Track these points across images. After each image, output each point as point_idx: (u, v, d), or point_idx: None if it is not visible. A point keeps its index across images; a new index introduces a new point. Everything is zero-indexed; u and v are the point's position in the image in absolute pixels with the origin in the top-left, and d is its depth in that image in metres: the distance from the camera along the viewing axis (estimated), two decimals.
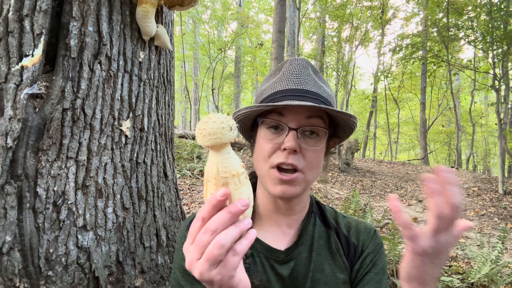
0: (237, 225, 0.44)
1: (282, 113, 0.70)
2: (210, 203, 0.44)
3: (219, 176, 0.45)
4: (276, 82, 0.75)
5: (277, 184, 0.69)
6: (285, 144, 0.67)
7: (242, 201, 0.44)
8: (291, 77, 0.74)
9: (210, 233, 0.43)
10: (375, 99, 14.51)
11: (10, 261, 0.87)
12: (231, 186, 0.45)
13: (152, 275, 1.14)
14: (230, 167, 0.45)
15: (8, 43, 0.92)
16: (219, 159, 0.45)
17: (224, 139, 0.43)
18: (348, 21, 11.93)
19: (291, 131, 0.68)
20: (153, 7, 1.10)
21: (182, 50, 13.72)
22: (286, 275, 0.73)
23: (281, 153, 0.69)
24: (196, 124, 0.44)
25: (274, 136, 0.71)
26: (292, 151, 0.67)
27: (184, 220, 0.81)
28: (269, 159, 0.70)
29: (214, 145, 0.44)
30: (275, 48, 7.20)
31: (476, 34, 7.68)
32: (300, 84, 0.73)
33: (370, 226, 0.82)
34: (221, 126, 0.43)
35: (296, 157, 0.68)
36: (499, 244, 2.31)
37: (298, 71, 0.75)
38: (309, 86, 0.73)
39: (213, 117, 0.44)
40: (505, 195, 6.58)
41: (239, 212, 0.43)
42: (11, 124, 0.90)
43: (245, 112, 0.72)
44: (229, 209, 0.43)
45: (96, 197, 1.02)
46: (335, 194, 5.50)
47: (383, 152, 21.44)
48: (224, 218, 0.43)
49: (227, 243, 0.43)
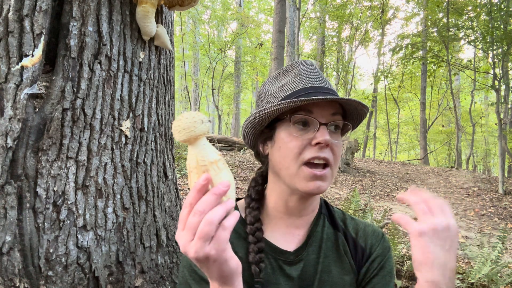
0: (222, 205, 0.48)
1: (311, 110, 0.71)
2: (195, 188, 0.48)
3: (198, 165, 0.49)
4: (294, 81, 0.75)
5: (310, 180, 0.69)
6: (318, 138, 0.68)
7: (223, 183, 0.48)
8: (310, 75, 0.76)
9: (198, 214, 0.47)
10: (375, 99, 14.51)
11: (10, 261, 0.87)
12: (211, 172, 0.49)
13: (152, 275, 1.14)
14: (207, 156, 0.49)
15: (8, 43, 0.92)
16: (196, 150, 0.49)
17: (197, 131, 0.47)
18: (348, 21, 11.93)
19: (322, 125, 0.69)
20: (153, 7, 1.10)
21: (182, 50, 13.72)
22: (295, 276, 0.73)
23: (312, 148, 0.69)
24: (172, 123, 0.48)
25: (302, 132, 0.71)
26: (325, 145, 0.69)
27: None
28: (300, 155, 0.70)
29: (190, 138, 0.48)
30: (275, 48, 7.20)
31: (476, 34, 7.68)
32: (321, 83, 0.75)
33: (378, 229, 0.82)
34: (193, 120, 0.47)
35: (327, 151, 0.70)
36: (499, 244, 2.31)
37: (315, 70, 0.77)
38: (327, 84, 0.76)
39: (185, 114, 0.48)
40: (505, 195, 6.58)
41: (222, 192, 0.48)
42: (11, 124, 0.90)
43: (276, 108, 0.71)
44: (213, 191, 0.48)
45: (96, 197, 1.02)
46: (335, 194, 5.50)
47: (383, 152, 21.44)
48: (210, 199, 0.47)
49: (215, 219, 0.47)
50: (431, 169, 9.61)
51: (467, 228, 4.73)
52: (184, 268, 0.74)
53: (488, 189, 7.05)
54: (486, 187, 7.21)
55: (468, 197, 6.48)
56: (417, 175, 8.75)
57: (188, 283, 0.71)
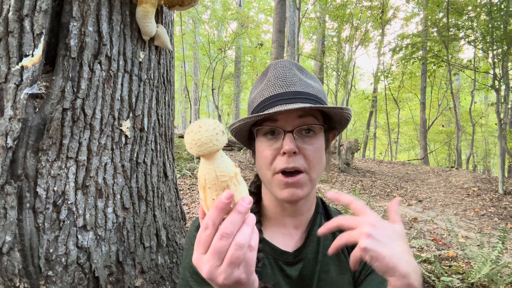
0: (247, 223, 0.46)
1: (275, 118, 0.71)
2: (217, 207, 0.44)
3: (218, 181, 0.45)
4: (264, 88, 0.75)
5: (284, 188, 0.70)
6: (283, 148, 0.68)
7: (245, 199, 0.46)
8: (277, 81, 0.74)
9: (227, 237, 0.44)
10: (375, 99, 14.50)
11: (10, 261, 0.87)
12: (232, 188, 0.46)
13: (152, 275, 1.14)
14: (228, 170, 0.45)
15: (8, 43, 0.92)
16: (215, 164, 0.45)
17: (219, 145, 0.43)
18: (348, 21, 11.92)
19: (287, 133, 0.69)
20: (153, 7, 1.10)
21: (182, 50, 13.72)
22: (295, 276, 0.74)
23: (282, 158, 0.69)
24: (185, 134, 0.43)
25: (271, 142, 0.71)
26: (292, 153, 0.68)
27: (193, 221, 0.81)
28: (271, 165, 0.70)
29: (210, 153, 0.43)
30: (275, 48, 7.20)
31: (476, 34, 7.68)
32: (287, 87, 0.73)
33: None
34: (214, 133, 0.42)
35: (297, 158, 0.68)
36: (499, 244, 2.31)
37: (283, 74, 0.75)
38: (297, 86, 0.73)
39: (203, 124, 0.42)
40: (505, 195, 6.58)
41: (247, 210, 0.45)
42: (11, 124, 0.90)
43: (239, 124, 0.72)
44: (238, 209, 0.45)
45: (96, 197, 1.02)
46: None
47: (383, 152, 21.43)
48: (237, 219, 0.45)
49: (246, 242, 0.44)
50: (431, 169, 9.60)
51: (467, 228, 4.72)
52: (185, 270, 0.74)
53: (488, 189, 7.04)
54: (486, 187, 7.21)
55: (468, 197, 6.48)
56: (417, 175, 8.75)
57: (189, 284, 0.71)
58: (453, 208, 5.74)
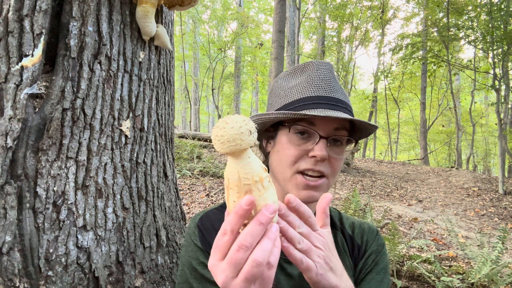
0: (269, 237, 0.42)
1: (313, 122, 0.70)
2: (237, 213, 0.42)
3: (241, 183, 0.42)
4: (305, 86, 0.74)
5: (303, 189, 0.69)
6: (315, 152, 0.67)
7: (269, 207, 0.42)
8: (321, 83, 0.73)
9: (245, 250, 0.41)
10: (375, 99, 14.50)
11: (10, 261, 0.87)
12: (255, 193, 0.42)
13: (152, 275, 1.14)
14: (252, 173, 0.42)
15: (8, 43, 0.92)
16: (239, 165, 0.42)
17: (244, 145, 0.40)
18: (348, 21, 11.92)
19: (322, 139, 0.68)
20: (153, 7, 1.10)
21: (182, 50, 13.72)
22: (296, 275, 0.74)
23: (309, 160, 0.69)
24: (212, 129, 0.41)
25: (301, 142, 0.70)
26: (321, 159, 0.68)
27: (192, 218, 0.81)
28: (295, 164, 0.70)
29: (234, 152, 0.41)
30: (275, 48, 7.19)
31: (476, 34, 7.68)
32: (331, 92, 0.72)
33: (373, 226, 0.83)
34: (240, 131, 0.39)
35: (324, 164, 0.69)
36: (499, 244, 2.31)
37: (327, 77, 0.74)
38: (338, 94, 0.73)
39: (230, 121, 0.40)
40: (505, 195, 6.58)
41: (269, 220, 0.42)
42: (11, 124, 0.90)
43: (276, 117, 0.70)
44: (259, 219, 0.42)
45: (96, 197, 1.02)
46: (335, 194, 5.50)
47: (383, 152, 21.43)
48: (257, 230, 0.41)
49: (264, 260, 0.41)
50: (431, 169, 9.60)
51: (467, 228, 4.72)
52: (184, 266, 0.74)
53: (488, 189, 7.04)
54: (486, 187, 7.21)
55: (468, 197, 6.48)
56: (417, 175, 8.75)
57: (189, 281, 0.71)
58: (453, 208, 5.74)
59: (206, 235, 0.74)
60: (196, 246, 0.73)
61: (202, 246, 0.73)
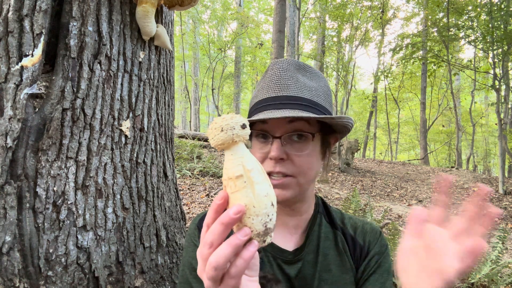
0: (229, 242, 0.40)
1: (266, 121, 0.70)
2: (212, 207, 0.42)
3: (223, 178, 0.43)
4: (259, 90, 0.75)
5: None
6: (270, 154, 0.67)
7: (235, 208, 0.40)
8: (271, 84, 0.73)
9: (208, 247, 0.41)
10: (375, 99, 14.50)
11: (10, 261, 0.87)
12: (228, 190, 0.42)
13: (152, 275, 1.14)
14: (228, 170, 0.42)
15: (8, 43, 0.92)
16: (225, 159, 0.43)
17: (213, 141, 0.41)
18: (348, 21, 11.92)
19: (275, 139, 0.68)
20: (153, 7, 1.10)
21: (182, 50, 13.72)
22: (293, 275, 0.74)
23: (269, 162, 0.69)
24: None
25: (262, 145, 0.71)
26: (279, 159, 0.67)
27: (193, 219, 0.81)
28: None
29: (218, 147, 0.42)
30: (275, 48, 7.19)
31: (476, 34, 7.68)
32: (280, 91, 0.71)
33: (376, 227, 0.82)
34: (214, 127, 0.42)
35: (283, 164, 0.68)
36: (499, 244, 2.31)
37: (278, 76, 0.73)
38: (290, 90, 0.71)
39: (221, 117, 0.42)
40: (505, 195, 6.58)
41: (231, 221, 0.40)
42: (11, 124, 0.90)
43: None
44: (220, 218, 0.40)
45: (96, 197, 1.02)
46: (335, 194, 5.50)
47: (383, 152, 21.43)
48: (217, 229, 0.40)
49: (219, 264, 0.40)
50: (431, 169, 9.60)
51: None
52: (184, 267, 0.74)
53: None
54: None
55: (468, 197, 6.47)
56: (417, 175, 8.75)
57: (189, 281, 0.71)
58: (453, 208, 5.74)
59: None
60: (196, 247, 0.74)
61: None
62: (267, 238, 0.42)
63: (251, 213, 0.40)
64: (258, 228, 0.41)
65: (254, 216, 0.41)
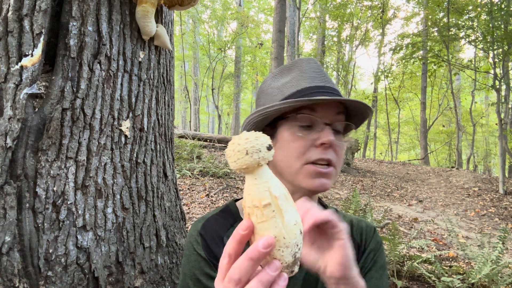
0: (260, 280, 0.37)
1: (315, 109, 0.70)
2: (234, 237, 0.39)
3: (245, 205, 0.39)
4: (299, 79, 0.75)
5: (315, 177, 0.68)
6: (323, 138, 0.67)
7: (264, 241, 0.36)
8: (315, 75, 0.75)
9: (234, 283, 0.38)
10: (376, 99, 14.50)
11: (10, 261, 0.87)
12: (253, 219, 0.38)
13: (152, 275, 1.14)
14: (253, 196, 0.38)
15: (8, 43, 0.92)
16: (247, 184, 0.39)
17: (235, 164, 0.37)
18: (348, 21, 11.92)
19: (327, 126, 0.69)
20: (153, 7, 1.10)
21: (182, 50, 13.73)
22: (301, 278, 0.73)
23: (316, 149, 0.68)
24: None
25: (306, 132, 0.70)
26: (329, 146, 0.68)
27: (193, 224, 0.78)
28: (303, 156, 0.69)
29: (241, 171, 0.38)
30: (275, 48, 7.19)
31: (476, 33, 7.68)
32: (325, 82, 0.74)
33: (370, 224, 0.83)
34: (236, 149, 0.37)
35: (330, 151, 0.69)
36: (500, 244, 2.31)
37: (319, 69, 0.76)
38: (331, 84, 0.75)
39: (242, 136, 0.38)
40: (505, 195, 6.57)
41: (261, 256, 0.37)
42: (11, 124, 0.90)
43: (280, 107, 0.69)
44: (248, 253, 0.37)
45: (96, 197, 1.02)
46: (335, 194, 5.49)
47: (384, 152, 21.43)
48: (245, 266, 0.37)
49: None
50: (432, 169, 9.60)
51: (468, 228, 4.72)
52: (186, 277, 0.72)
53: (489, 189, 7.04)
54: (486, 187, 7.20)
55: (468, 197, 6.47)
56: (417, 175, 8.74)
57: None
58: (453, 208, 5.74)
59: (210, 243, 0.72)
60: (200, 256, 0.71)
61: (206, 256, 0.71)
62: (295, 268, 0.40)
63: (281, 244, 0.37)
64: (288, 260, 0.38)
65: (284, 248, 0.38)
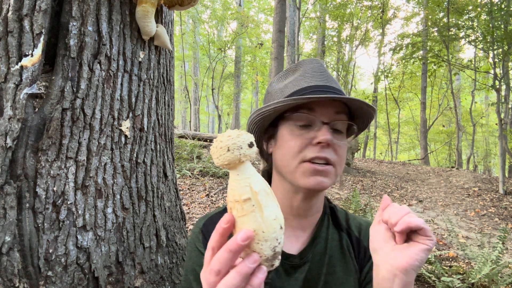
0: (238, 271, 0.38)
1: (313, 108, 0.70)
2: (217, 231, 0.40)
3: (228, 200, 0.41)
4: (300, 79, 0.75)
5: (311, 175, 0.68)
6: (319, 137, 0.67)
7: (243, 234, 0.38)
8: (315, 74, 0.74)
9: (214, 274, 0.39)
10: (376, 99, 14.50)
11: (10, 261, 0.87)
12: (234, 213, 0.40)
13: (152, 275, 1.14)
14: (234, 191, 0.40)
15: (8, 43, 0.92)
16: (230, 179, 0.41)
17: (218, 161, 0.39)
18: (348, 21, 11.92)
19: (324, 125, 0.68)
20: (153, 7, 1.10)
21: (182, 50, 13.73)
22: (301, 279, 0.73)
23: (313, 148, 0.68)
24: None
25: (303, 131, 0.70)
26: (326, 144, 0.67)
27: (196, 222, 0.79)
28: (300, 154, 0.69)
29: (223, 167, 0.40)
30: (275, 48, 7.19)
31: (476, 33, 7.68)
32: (326, 81, 0.74)
33: None
34: (219, 146, 0.39)
35: (329, 151, 0.68)
36: (500, 244, 2.31)
37: (320, 69, 0.76)
38: (333, 83, 0.75)
39: (226, 133, 0.40)
40: (505, 195, 6.57)
41: (239, 248, 0.38)
42: (11, 124, 0.90)
43: (275, 107, 0.69)
44: (227, 245, 0.39)
45: (96, 197, 1.02)
46: (335, 194, 5.49)
47: (384, 152, 21.43)
48: (224, 257, 0.39)
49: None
50: (432, 169, 9.60)
51: (468, 228, 4.72)
52: (187, 272, 0.72)
53: (489, 189, 7.04)
54: (486, 187, 7.20)
55: (468, 197, 6.47)
56: (417, 175, 8.74)
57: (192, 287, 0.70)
58: (453, 208, 5.74)
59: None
60: (200, 252, 0.72)
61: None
62: (275, 262, 0.41)
63: (260, 238, 0.39)
64: (267, 253, 0.39)
65: (263, 242, 0.39)
